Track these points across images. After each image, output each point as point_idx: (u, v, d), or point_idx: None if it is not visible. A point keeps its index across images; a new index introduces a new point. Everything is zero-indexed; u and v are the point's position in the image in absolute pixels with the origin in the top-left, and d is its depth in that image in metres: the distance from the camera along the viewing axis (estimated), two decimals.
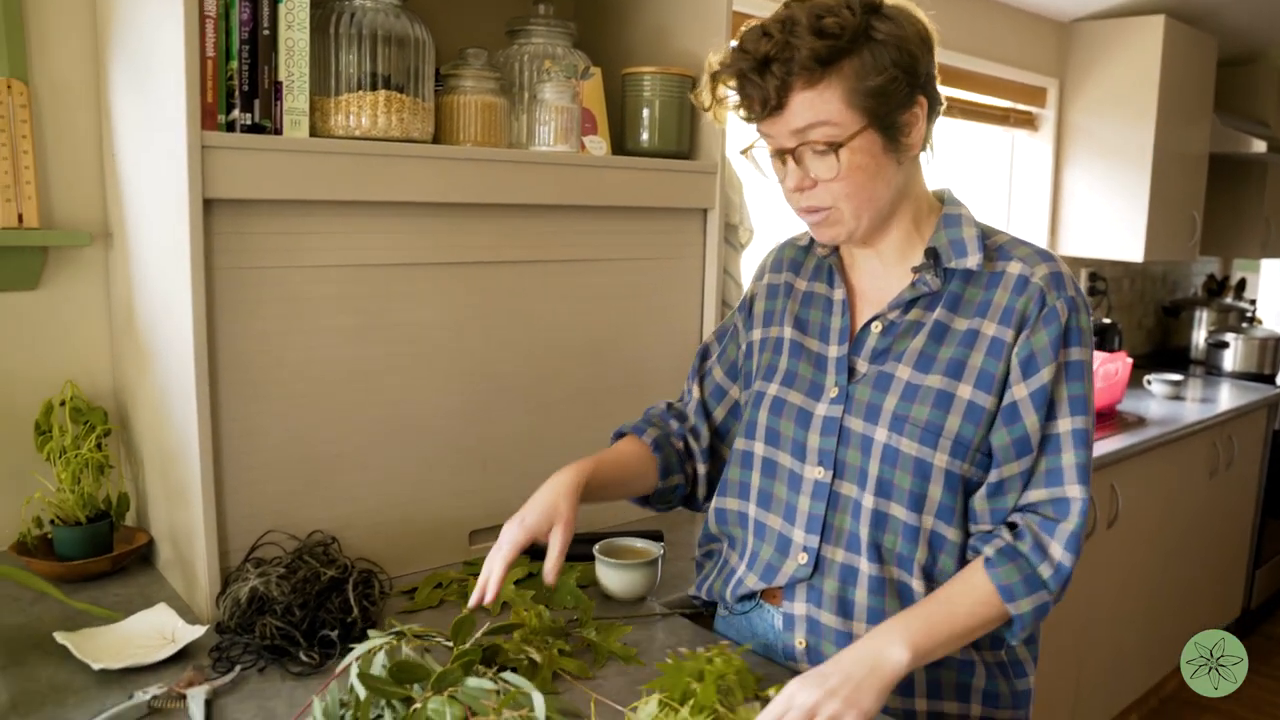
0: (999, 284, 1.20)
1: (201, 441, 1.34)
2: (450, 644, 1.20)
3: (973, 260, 1.21)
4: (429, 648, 1.20)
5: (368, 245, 1.48)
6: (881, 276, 1.28)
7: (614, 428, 1.84)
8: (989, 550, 1.17)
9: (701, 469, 1.44)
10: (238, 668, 1.24)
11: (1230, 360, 4.07)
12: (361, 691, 1.08)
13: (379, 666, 1.12)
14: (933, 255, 1.22)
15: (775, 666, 1.29)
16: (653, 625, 1.45)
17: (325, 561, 1.39)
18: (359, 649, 1.14)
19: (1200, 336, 4.23)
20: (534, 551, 1.66)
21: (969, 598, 1.15)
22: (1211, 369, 4.12)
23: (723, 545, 1.41)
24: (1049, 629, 2.60)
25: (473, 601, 1.23)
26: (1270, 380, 3.92)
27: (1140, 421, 3.09)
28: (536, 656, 1.26)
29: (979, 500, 1.21)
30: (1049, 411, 1.18)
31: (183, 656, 1.27)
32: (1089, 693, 2.96)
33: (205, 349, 1.33)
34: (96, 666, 1.20)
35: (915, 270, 1.23)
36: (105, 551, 1.53)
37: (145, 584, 1.51)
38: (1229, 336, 4.08)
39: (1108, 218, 3.51)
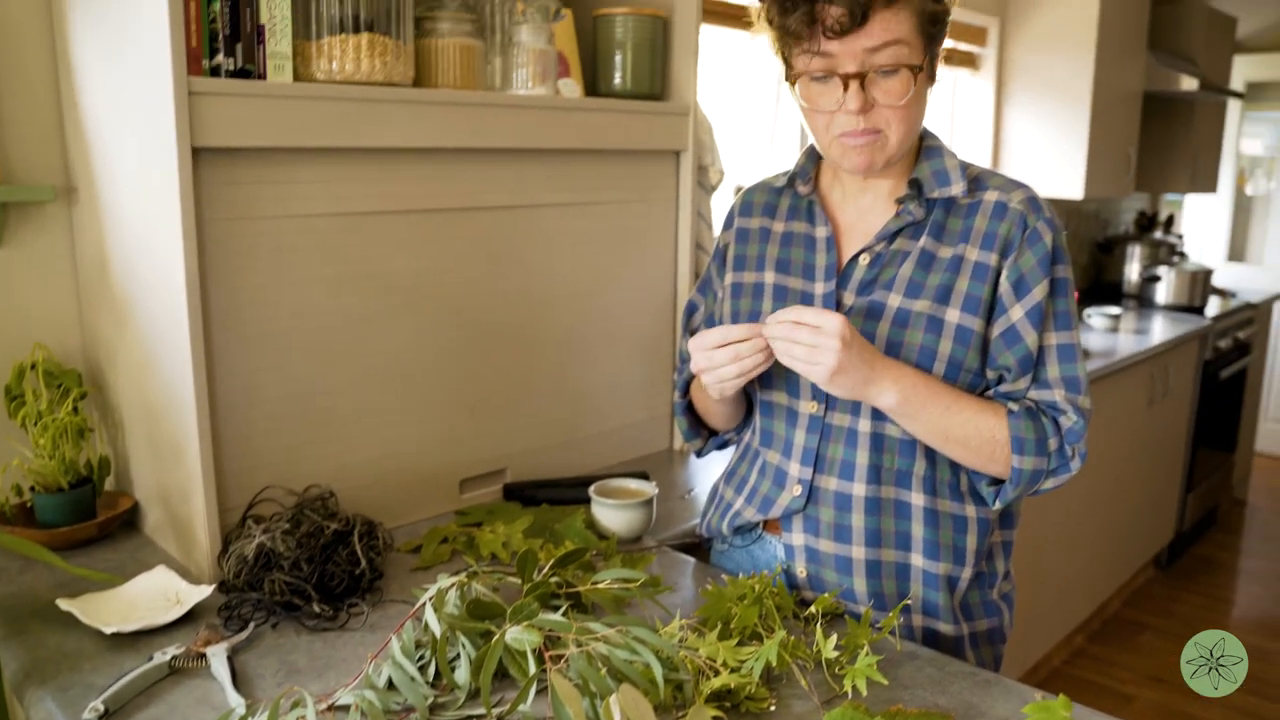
0: (978, 211, 1.24)
1: (199, 397, 1.30)
2: (519, 579, 1.21)
3: (957, 188, 1.24)
4: (497, 586, 1.20)
5: (353, 194, 1.45)
6: (870, 210, 1.29)
7: (597, 371, 1.85)
8: (1014, 405, 1.21)
9: None
10: (251, 625, 1.23)
11: (1162, 294, 4.21)
12: (438, 629, 1.08)
13: (452, 606, 1.12)
14: (915, 186, 1.25)
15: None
16: (651, 562, 1.47)
17: (326, 515, 1.38)
18: (432, 589, 1.14)
19: (1134, 271, 4.35)
20: (524, 498, 1.68)
21: (978, 420, 1.19)
22: (1145, 302, 4.26)
23: (721, 484, 1.43)
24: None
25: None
26: (1200, 312, 4.05)
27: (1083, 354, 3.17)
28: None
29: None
30: (1043, 326, 1.22)
31: (190, 618, 1.25)
32: (1042, 614, 3.07)
33: (199, 304, 1.29)
34: (109, 630, 1.17)
35: (899, 201, 1.25)
36: (89, 517, 1.49)
37: (134, 548, 1.48)
38: (1161, 270, 4.21)
39: (1048, 156, 3.56)
